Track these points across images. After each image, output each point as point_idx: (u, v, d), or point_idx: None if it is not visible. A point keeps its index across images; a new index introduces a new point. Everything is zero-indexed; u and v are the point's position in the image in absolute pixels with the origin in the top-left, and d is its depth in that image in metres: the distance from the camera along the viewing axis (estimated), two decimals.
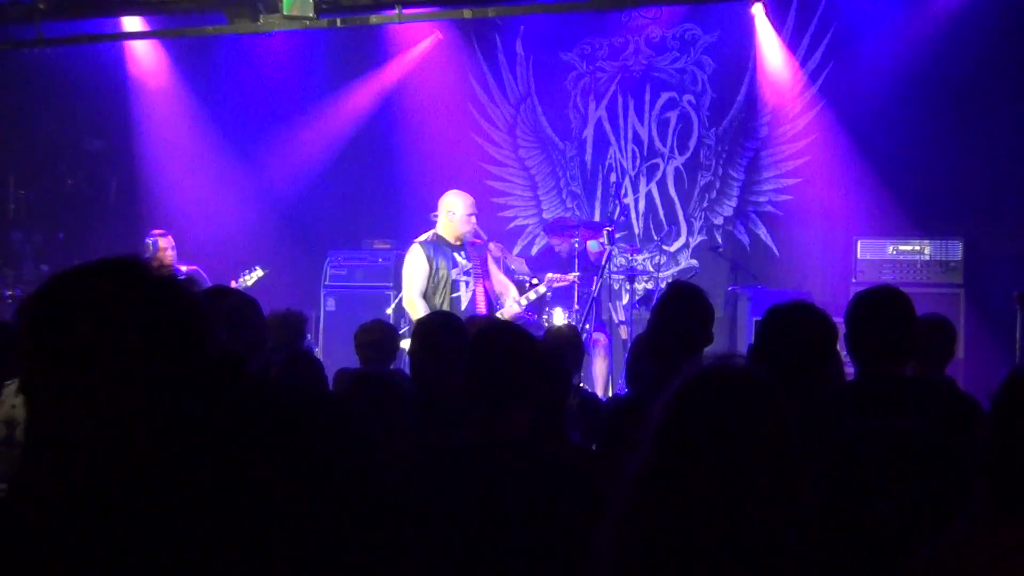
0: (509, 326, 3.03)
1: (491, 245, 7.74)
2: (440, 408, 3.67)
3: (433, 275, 7.06)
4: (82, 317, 1.48)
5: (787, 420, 1.81)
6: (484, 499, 2.57)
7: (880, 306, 3.35)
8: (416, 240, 7.26)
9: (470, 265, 7.16)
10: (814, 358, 2.95)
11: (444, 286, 7.06)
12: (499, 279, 7.52)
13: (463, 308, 7.02)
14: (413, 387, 3.81)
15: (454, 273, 7.08)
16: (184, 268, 8.52)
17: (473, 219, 7.24)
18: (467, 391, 2.74)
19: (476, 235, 7.38)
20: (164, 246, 8.55)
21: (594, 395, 6.27)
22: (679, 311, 3.65)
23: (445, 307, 6.95)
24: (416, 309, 7.00)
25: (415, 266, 7.10)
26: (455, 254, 7.15)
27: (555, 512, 2.56)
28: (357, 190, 10.40)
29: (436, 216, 7.30)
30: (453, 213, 7.18)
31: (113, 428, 1.47)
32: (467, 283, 7.13)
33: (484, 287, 7.24)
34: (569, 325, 6.42)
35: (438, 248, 7.14)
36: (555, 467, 2.67)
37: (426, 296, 7.06)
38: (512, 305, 7.34)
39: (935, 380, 3.62)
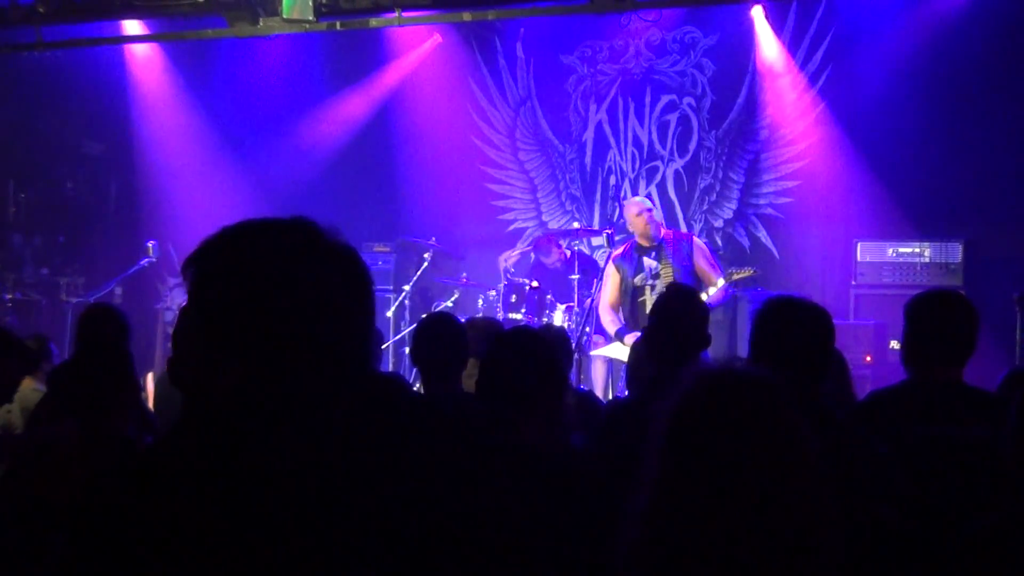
0: (529, 331, 2.99)
1: (696, 240, 7.90)
2: (443, 410, 3.67)
3: (624, 283, 7.54)
4: (252, 272, 1.44)
5: (796, 422, 1.73)
6: (497, 503, 2.55)
7: (946, 310, 3.38)
8: (614, 249, 7.75)
9: (656, 265, 7.50)
10: (816, 354, 2.94)
11: (628, 293, 7.54)
12: (703, 272, 7.56)
13: (648, 311, 7.04)
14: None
15: (638, 279, 7.52)
16: None
17: (641, 219, 7.58)
18: (484, 395, 2.69)
19: (676, 233, 7.80)
20: None
21: (591, 393, 6.26)
22: (677, 313, 3.65)
23: (627, 313, 7.50)
24: (604, 320, 7.53)
25: (605, 278, 7.64)
26: (644, 258, 7.56)
27: (559, 513, 2.55)
28: (357, 193, 10.39)
29: None
30: (628, 222, 7.72)
31: (252, 390, 1.44)
32: (652, 286, 7.48)
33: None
34: (558, 326, 6.47)
35: (628, 256, 7.60)
36: (558, 469, 2.67)
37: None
38: None
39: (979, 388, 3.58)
